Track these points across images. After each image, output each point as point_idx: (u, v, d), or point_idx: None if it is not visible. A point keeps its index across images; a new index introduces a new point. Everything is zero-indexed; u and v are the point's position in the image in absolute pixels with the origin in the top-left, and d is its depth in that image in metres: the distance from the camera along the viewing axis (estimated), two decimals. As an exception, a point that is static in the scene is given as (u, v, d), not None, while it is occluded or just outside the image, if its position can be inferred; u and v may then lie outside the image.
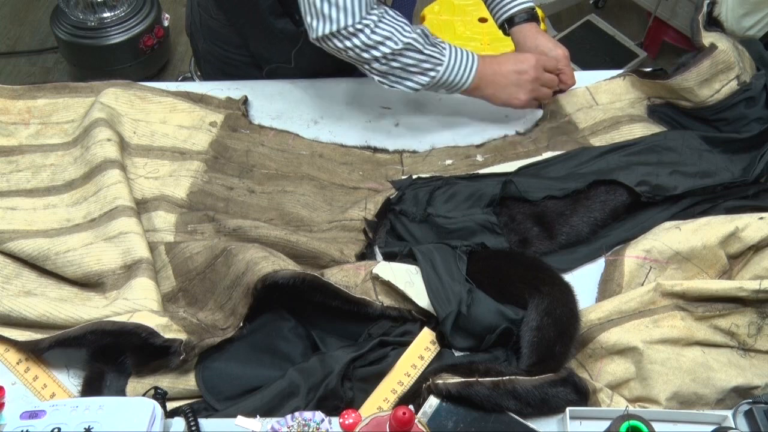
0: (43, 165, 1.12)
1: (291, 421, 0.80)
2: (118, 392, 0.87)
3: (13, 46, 2.73)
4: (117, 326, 0.85)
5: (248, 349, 0.90)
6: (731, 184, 1.07)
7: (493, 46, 1.96)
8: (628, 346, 0.86)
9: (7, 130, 1.16)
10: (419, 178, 1.11)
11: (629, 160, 1.09)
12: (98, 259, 0.97)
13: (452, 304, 0.87)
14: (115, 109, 1.16)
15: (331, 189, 1.12)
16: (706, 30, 1.18)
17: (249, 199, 1.10)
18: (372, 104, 1.26)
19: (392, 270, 0.92)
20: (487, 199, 1.05)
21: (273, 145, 1.19)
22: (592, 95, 1.23)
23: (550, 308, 0.87)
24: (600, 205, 1.04)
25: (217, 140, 1.17)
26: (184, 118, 1.19)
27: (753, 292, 0.89)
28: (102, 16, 2.36)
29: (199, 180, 1.11)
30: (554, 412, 0.83)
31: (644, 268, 0.96)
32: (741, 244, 0.96)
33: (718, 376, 0.85)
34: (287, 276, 0.87)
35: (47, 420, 0.76)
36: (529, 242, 1.02)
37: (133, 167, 1.11)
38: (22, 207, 1.06)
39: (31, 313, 0.90)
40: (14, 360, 0.90)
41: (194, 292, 0.97)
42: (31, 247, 0.97)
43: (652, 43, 2.57)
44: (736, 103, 1.13)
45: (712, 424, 0.82)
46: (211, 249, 0.97)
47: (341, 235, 1.04)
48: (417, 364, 0.87)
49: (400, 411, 0.71)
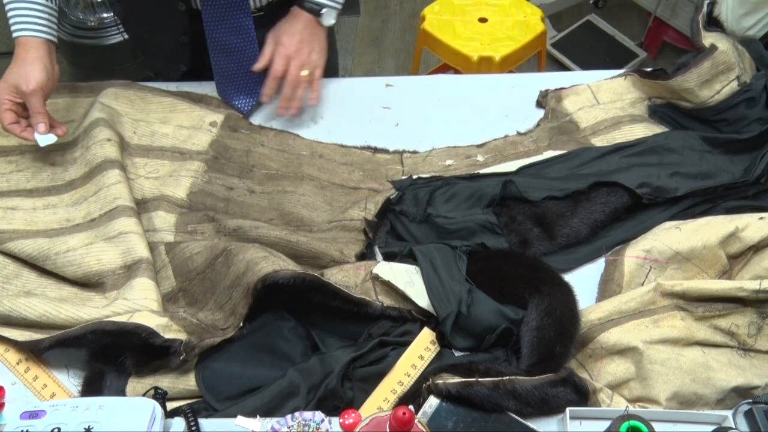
0: (43, 165, 1.12)
1: (291, 421, 0.80)
2: (118, 392, 0.87)
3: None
4: (117, 326, 0.85)
5: (248, 349, 0.90)
6: (732, 185, 1.07)
7: (492, 46, 1.97)
8: (628, 346, 0.86)
9: None
10: (419, 179, 1.11)
11: (630, 161, 1.09)
12: (98, 259, 0.97)
13: (452, 304, 0.87)
14: (115, 109, 1.16)
15: (331, 189, 1.12)
16: (706, 30, 1.18)
17: (249, 199, 1.10)
18: (372, 104, 1.26)
19: (392, 270, 0.92)
20: (487, 200, 1.05)
21: (273, 145, 1.19)
22: (593, 93, 1.23)
23: (550, 308, 0.87)
24: (601, 206, 1.04)
25: (217, 140, 1.17)
26: (184, 118, 1.19)
27: (753, 292, 0.89)
28: (102, 16, 2.36)
29: (199, 180, 1.11)
30: (554, 412, 0.83)
31: (644, 268, 0.96)
32: (741, 244, 0.96)
33: (718, 376, 0.85)
34: (287, 276, 0.87)
35: (47, 420, 0.76)
36: (530, 243, 1.02)
37: (133, 167, 1.11)
38: (22, 207, 1.06)
39: (31, 313, 0.90)
40: (14, 360, 0.90)
41: (194, 292, 0.97)
42: (31, 247, 0.98)
43: (652, 43, 2.57)
44: (737, 104, 1.13)
45: (712, 424, 0.82)
46: (211, 249, 0.97)
47: (341, 235, 1.04)
48: (417, 364, 0.87)
49: (400, 411, 0.71)
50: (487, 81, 1.32)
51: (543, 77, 1.32)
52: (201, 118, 1.19)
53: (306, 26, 1.09)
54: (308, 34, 1.10)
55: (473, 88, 1.30)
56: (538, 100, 1.26)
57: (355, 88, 1.30)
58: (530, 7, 2.09)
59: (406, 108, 1.27)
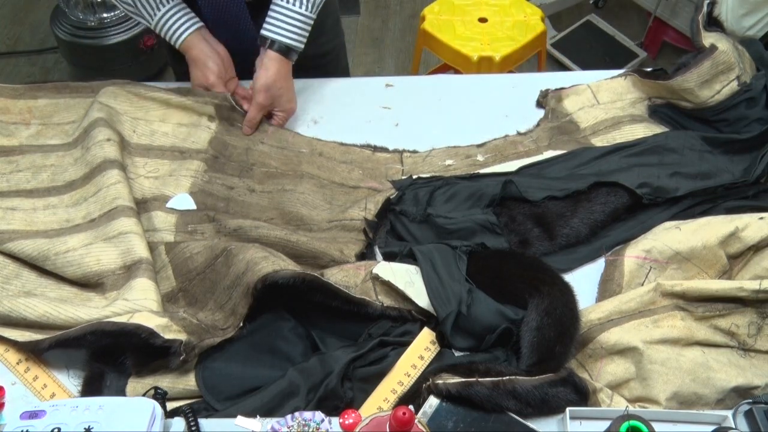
0: (44, 165, 1.12)
1: (291, 421, 0.80)
2: (118, 392, 0.87)
3: (13, 46, 2.74)
4: (117, 327, 0.85)
5: (248, 349, 0.90)
6: (732, 185, 1.07)
7: (492, 46, 1.97)
8: (628, 346, 0.86)
9: (8, 129, 1.16)
10: (419, 178, 1.11)
11: (630, 161, 1.09)
12: (98, 260, 0.97)
13: (452, 304, 0.87)
14: (114, 108, 1.16)
15: (331, 188, 1.12)
16: (706, 30, 1.18)
17: (249, 199, 1.10)
18: (372, 104, 1.27)
19: (392, 270, 0.92)
20: (487, 199, 1.05)
21: (273, 142, 1.19)
22: (593, 93, 1.23)
23: (550, 308, 0.87)
24: (601, 206, 1.04)
25: (216, 137, 1.17)
26: (183, 115, 1.19)
27: (753, 292, 0.89)
28: (102, 16, 2.36)
29: (200, 180, 1.11)
30: (554, 412, 0.83)
31: (644, 268, 0.96)
32: (741, 244, 0.96)
33: (718, 376, 0.85)
34: (287, 276, 0.87)
35: (47, 420, 0.76)
36: (529, 243, 1.02)
37: (133, 167, 1.11)
38: (22, 207, 1.06)
39: (31, 313, 0.90)
40: (14, 360, 0.90)
41: (194, 292, 0.97)
42: (31, 248, 0.98)
43: (652, 43, 2.57)
44: (737, 104, 1.13)
45: (712, 424, 0.82)
46: (211, 249, 0.97)
47: (341, 235, 1.04)
48: (417, 364, 0.87)
49: (400, 411, 0.71)
50: (487, 81, 1.33)
51: (543, 77, 1.32)
52: (196, 111, 1.19)
53: (278, 74, 1.17)
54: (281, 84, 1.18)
55: (473, 88, 1.30)
56: (538, 100, 1.26)
57: (355, 88, 1.30)
58: (530, 7, 2.09)
59: (406, 108, 1.27)
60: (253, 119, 1.19)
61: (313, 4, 1.15)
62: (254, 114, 1.18)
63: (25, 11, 2.87)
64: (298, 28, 1.15)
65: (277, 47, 1.15)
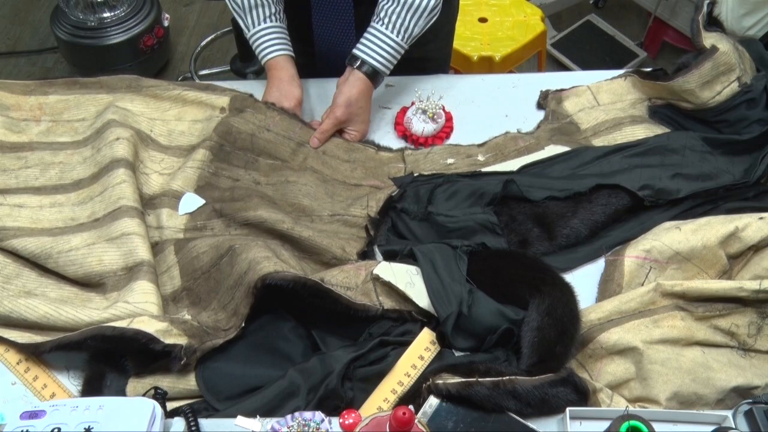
0: (52, 162, 1.12)
1: (291, 421, 0.80)
2: (118, 392, 0.87)
3: (13, 46, 2.74)
4: (117, 332, 0.85)
5: (248, 349, 0.90)
6: (732, 186, 1.07)
7: (492, 46, 1.97)
8: (628, 346, 0.86)
9: (19, 126, 1.16)
10: (420, 176, 1.11)
11: (632, 162, 1.09)
12: (100, 260, 0.97)
13: (453, 304, 0.87)
14: (131, 110, 1.16)
15: (333, 184, 1.12)
16: (706, 30, 1.18)
17: (254, 189, 1.10)
18: (372, 104, 1.26)
19: (393, 271, 0.92)
20: (488, 198, 1.05)
21: (279, 130, 1.18)
22: (593, 94, 1.23)
23: (550, 308, 0.87)
24: (601, 207, 1.04)
25: (221, 122, 1.16)
26: (197, 111, 1.18)
27: (753, 292, 0.89)
28: (102, 16, 2.36)
29: (206, 171, 1.10)
30: (554, 412, 0.83)
31: (644, 268, 0.96)
32: (741, 244, 0.96)
33: (718, 376, 0.85)
34: (288, 278, 0.87)
35: (47, 420, 0.76)
36: (530, 243, 1.02)
37: (150, 161, 1.11)
38: (29, 204, 1.05)
39: (32, 314, 0.90)
40: (14, 360, 0.90)
41: (198, 291, 0.97)
42: (34, 245, 0.97)
43: (652, 43, 2.57)
44: (737, 105, 1.13)
45: (712, 424, 0.82)
46: (217, 248, 0.97)
47: (343, 230, 1.04)
48: (417, 364, 0.87)
49: (400, 411, 0.71)
50: (487, 81, 1.32)
51: (543, 77, 1.32)
52: (211, 104, 1.19)
53: (361, 94, 1.19)
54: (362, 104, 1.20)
55: (473, 88, 1.30)
56: (538, 101, 1.26)
57: (355, 88, 1.30)
58: (530, 7, 2.09)
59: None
60: (326, 132, 1.18)
61: (409, 35, 1.16)
62: (329, 127, 1.18)
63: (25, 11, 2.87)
64: (390, 54, 1.16)
65: (365, 69, 1.16)
